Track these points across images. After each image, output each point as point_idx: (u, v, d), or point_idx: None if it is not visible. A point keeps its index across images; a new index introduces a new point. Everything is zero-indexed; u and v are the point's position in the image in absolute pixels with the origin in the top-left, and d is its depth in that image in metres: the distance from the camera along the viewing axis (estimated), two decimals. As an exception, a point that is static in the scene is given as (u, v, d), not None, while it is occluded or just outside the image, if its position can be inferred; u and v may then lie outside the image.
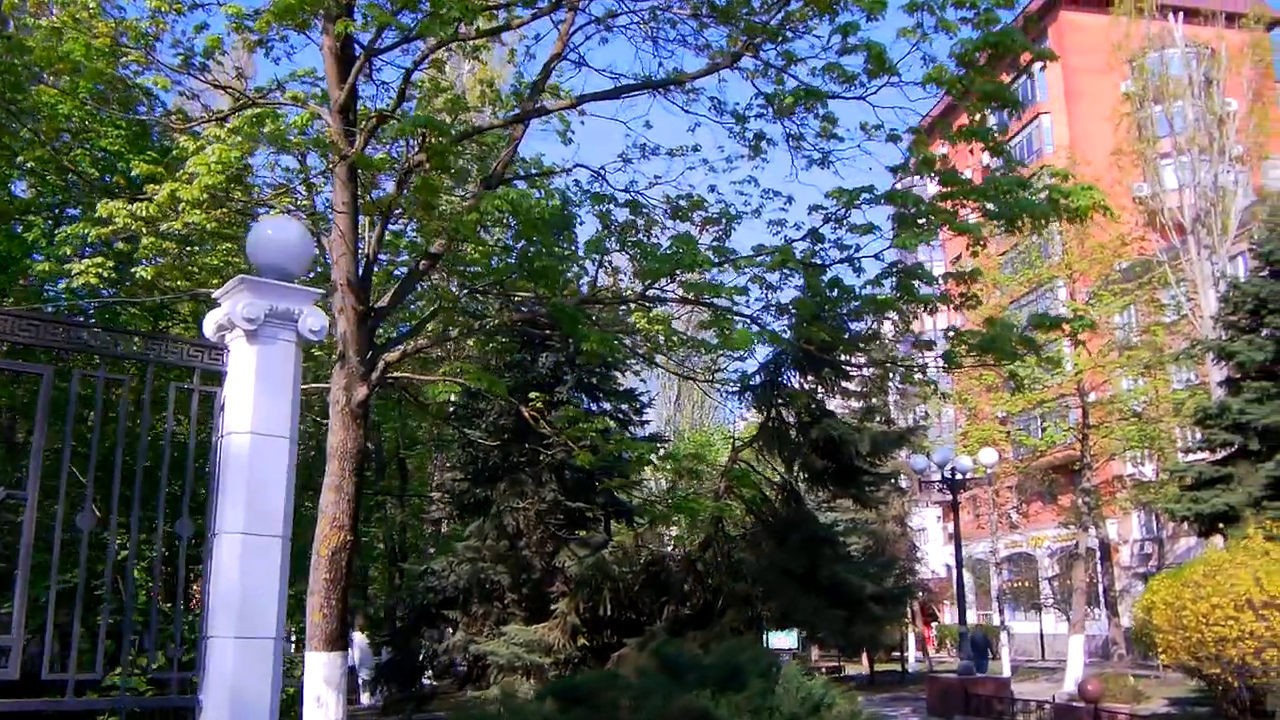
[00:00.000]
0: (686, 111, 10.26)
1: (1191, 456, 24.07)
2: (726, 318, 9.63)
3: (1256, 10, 35.11)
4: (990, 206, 8.41)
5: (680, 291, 9.58)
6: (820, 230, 9.46)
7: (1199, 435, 22.82)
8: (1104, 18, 37.76)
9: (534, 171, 12.30)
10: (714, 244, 10.05)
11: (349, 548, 10.30)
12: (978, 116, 7.90)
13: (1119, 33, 35.22)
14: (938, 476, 25.74)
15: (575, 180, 12.25)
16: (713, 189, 10.42)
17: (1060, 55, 54.41)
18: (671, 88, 9.93)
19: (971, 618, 53.08)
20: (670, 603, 14.40)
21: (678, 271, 8.43)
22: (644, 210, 10.90)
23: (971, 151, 9.05)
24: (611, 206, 10.63)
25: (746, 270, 10.08)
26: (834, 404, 19.36)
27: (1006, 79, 39.23)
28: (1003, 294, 31.99)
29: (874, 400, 20.01)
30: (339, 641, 10.43)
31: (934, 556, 51.64)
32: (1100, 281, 30.62)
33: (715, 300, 9.75)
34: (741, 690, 7.77)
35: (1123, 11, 35.33)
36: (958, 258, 53.77)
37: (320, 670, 10.06)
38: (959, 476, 25.02)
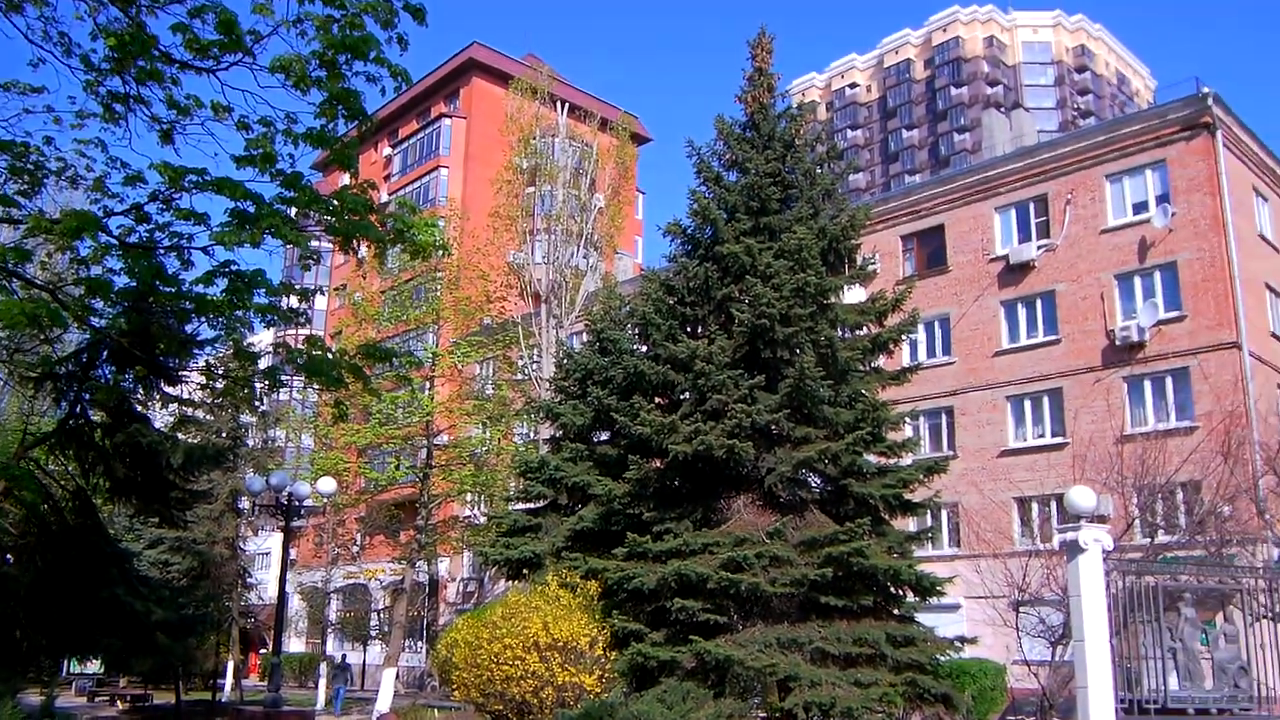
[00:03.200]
0: (35, 45, 8.52)
1: (516, 506, 25.86)
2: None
3: (624, 120, 40.24)
4: (333, 221, 8.05)
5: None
6: (146, 208, 8.35)
7: (522, 486, 24.59)
8: (506, 91, 40.79)
9: None
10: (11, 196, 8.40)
11: None
12: (327, 122, 7.47)
13: (514, 106, 38.16)
14: (273, 501, 24.96)
15: None
16: (50, 141, 8.72)
17: (468, 117, 57.56)
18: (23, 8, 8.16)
19: (299, 646, 52.27)
20: (-99, 622, 11.78)
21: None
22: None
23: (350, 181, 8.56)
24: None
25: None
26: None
27: (417, 124, 40.35)
28: (377, 329, 32.22)
29: (208, 412, 18.69)
30: None
31: (274, 582, 50.15)
32: (464, 332, 32.23)
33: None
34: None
35: (517, 89, 38.46)
36: (343, 286, 53.93)
37: None
38: (296, 503, 24.45)
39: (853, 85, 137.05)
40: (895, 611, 18.27)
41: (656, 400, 19.75)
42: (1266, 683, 12.73)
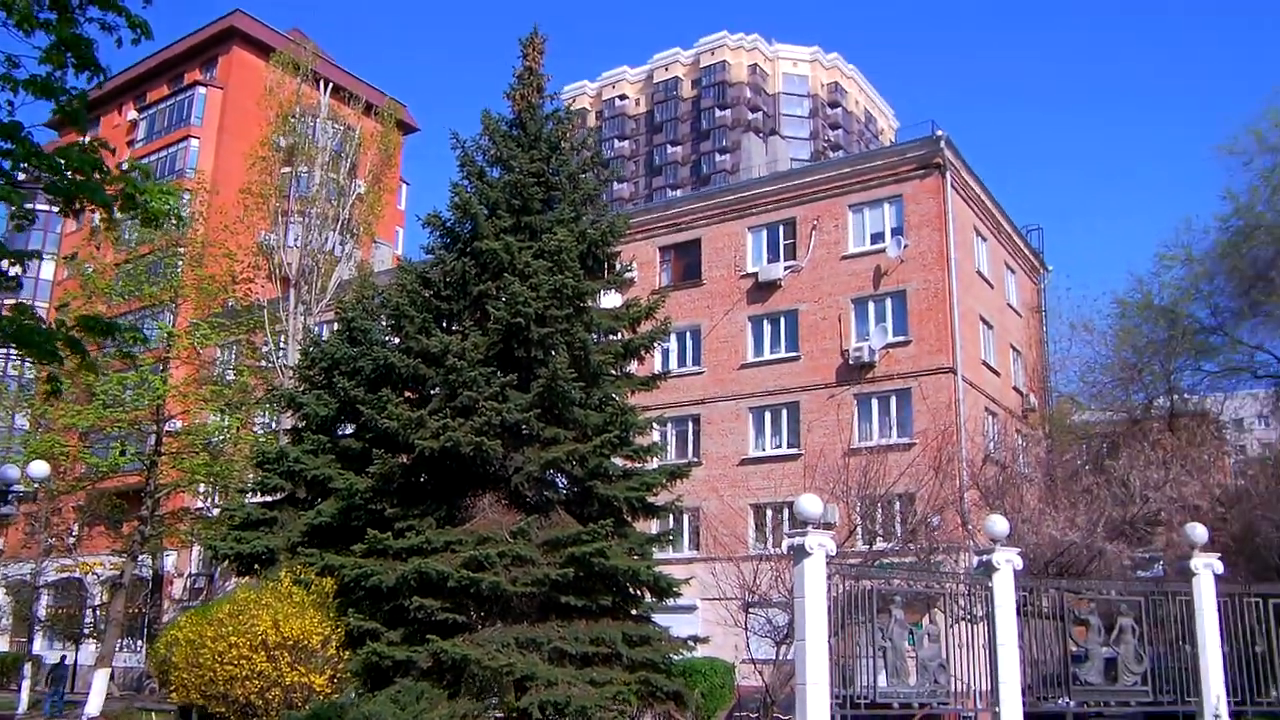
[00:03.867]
0: None
1: (252, 499, 24.66)
2: None
3: (391, 106, 39.26)
4: (54, 179, 7.40)
5: None
6: None
7: (259, 478, 23.49)
8: (267, 64, 38.94)
9: None
10: None
11: None
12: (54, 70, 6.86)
13: (274, 80, 36.49)
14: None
15: None
16: None
17: (225, 87, 54.53)
18: None
19: (2, 645, 47.66)
20: None
21: None
22: None
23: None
24: None
25: None
26: None
27: (168, 90, 37.79)
28: (109, 304, 29.86)
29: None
30: None
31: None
32: (205, 313, 30.46)
33: None
34: None
35: (279, 63, 36.79)
36: (73, 256, 49.73)
37: None
38: (4, 488, 22.32)
39: (623, 97, 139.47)
40: (633, 612, 18.72)
41: (406, 394, 19.41)
42: (962, 678, 13.89)
